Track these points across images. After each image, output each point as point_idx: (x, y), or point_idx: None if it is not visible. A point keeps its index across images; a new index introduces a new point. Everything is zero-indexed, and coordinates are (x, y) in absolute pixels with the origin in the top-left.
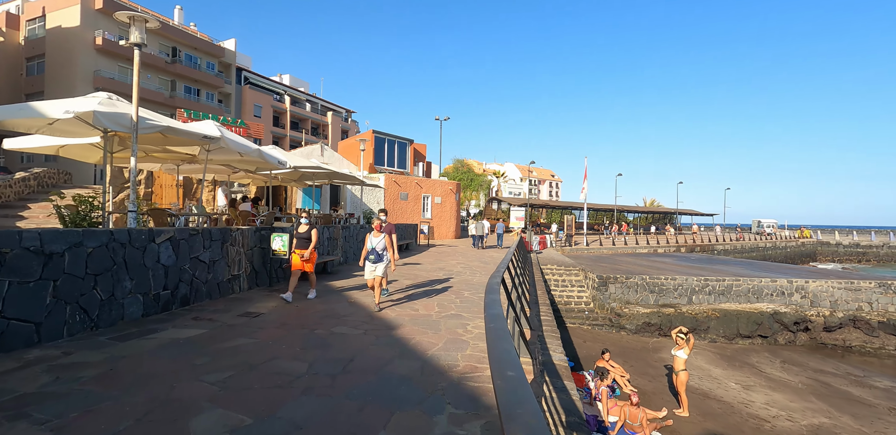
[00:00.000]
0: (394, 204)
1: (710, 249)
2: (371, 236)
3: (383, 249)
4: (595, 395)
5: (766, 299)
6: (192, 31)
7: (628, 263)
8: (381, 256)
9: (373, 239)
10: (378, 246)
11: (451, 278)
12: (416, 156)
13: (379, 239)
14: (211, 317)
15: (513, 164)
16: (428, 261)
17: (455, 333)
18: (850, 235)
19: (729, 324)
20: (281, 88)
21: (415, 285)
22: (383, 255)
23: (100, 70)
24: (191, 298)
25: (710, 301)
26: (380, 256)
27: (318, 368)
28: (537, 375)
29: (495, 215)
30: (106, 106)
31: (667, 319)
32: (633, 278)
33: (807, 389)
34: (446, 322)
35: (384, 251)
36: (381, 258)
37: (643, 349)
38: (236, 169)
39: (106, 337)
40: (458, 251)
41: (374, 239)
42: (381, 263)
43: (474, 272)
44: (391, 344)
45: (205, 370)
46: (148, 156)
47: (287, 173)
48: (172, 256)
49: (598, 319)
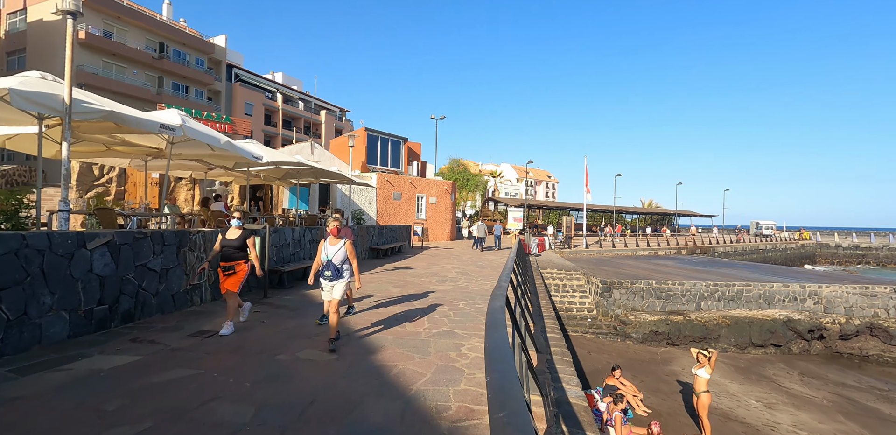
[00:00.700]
0: (386, 204)
1: (710, 250)
2: (326, 244)
3: (343, 262)
4: (607, 419)
5: (778, 305)
6: (181, 27)
7: (631, 267)
8: (340, 270)
9: (328, 248)
10: (336, 257)
11: (444, 286)
12: (411, 155)
13: (337, 248)
14: (155, 337)
15: (509, 165)
16: (420, 265)
17: (447, 357)
18: (850, 236)
19: (741, 332)
20: (273, 86)
21: (402, 295)
22: (343, 269)
23: (83, 65)
24: (136, 314)
25: (719, 307)
26: (338, 270)
27: (266, 416)
28: (550, 421)
29: (492, 216)
30: (30, 84)
31: (675, 327)
32: (639, 283)
33: (833, 407)
34: (437, 342)
35: (344, 264)
36: (340, 274)
37: (652, 361)
38: (211, 165)
39: (7, 368)
40: (453, 254)
41: (329, 248)
42: (341, 280)
43: (470, 278)
44: (367, 374)
45: (113, 421)
46: (110, 150)
47: (269, 171)
48: (111, 263)
49: (601, 326)
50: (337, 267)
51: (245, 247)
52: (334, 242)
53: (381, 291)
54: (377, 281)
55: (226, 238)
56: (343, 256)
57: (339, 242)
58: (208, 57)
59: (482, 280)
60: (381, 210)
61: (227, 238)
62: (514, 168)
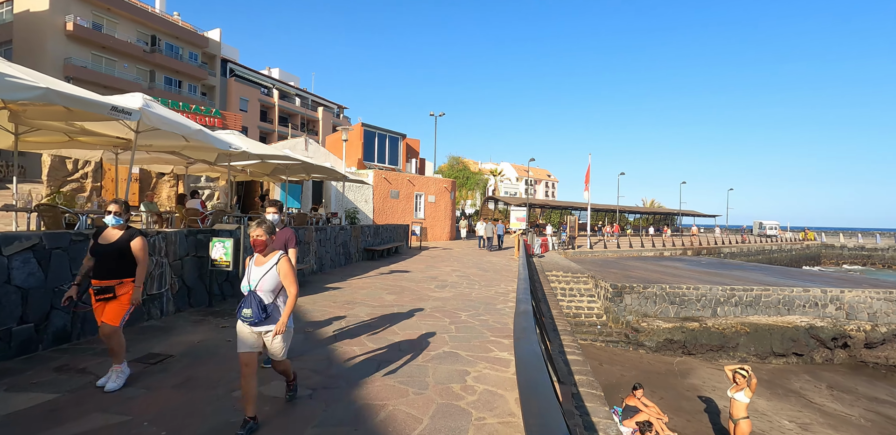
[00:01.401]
0: (384, 202)
1: (716, 251)
2: (251, 265)
3: (276, 292)
4: None
5: (799, 311)
6: (174, 20)
7: (639, 269)
8: (270, 308)
9: (253, 269)
10: (264, 285)
11: (444, 292)
12: (409, 152)
13: (264, 270)
14: (87, 364)
15: (509, 164)
16: (418, 268)
17: (449, 393)
18: (855, 237)
19: (761, 340)
20: (269, 82)
21: (397, 304)
22: (276, 305)
23: (70, 58)
24: (73, 332)
25: (736, 313)
26: (263, 308)
27: None
28: None
29: (492, 215)
30: None
31: (691, 335)
32: (652, 288)
33: (873, 428)
34: (436, 369)
35: (279, 297)
36: (270, 313)
37: (669, 373)
38: (190, 159)
39: None
40: (453, 256)
41: (253, 270)
42: (269, 325)
43: (472, 283)
44: (343, 422)
45: None
46: (73, 140)
47: (257, 166)
48: (37, 272)
49: (612, 334)
50: (263, 303)
51: (131, 256)
52: (261, 261)
53: (373, 299)
54: (370, 286)
55: (98, 243)
56: (274, 282)
57: (270, 259)
58: (202, 51)
59: (485, 285)
60: (378, 209)
61: (101, 243)
62: (514, 167)
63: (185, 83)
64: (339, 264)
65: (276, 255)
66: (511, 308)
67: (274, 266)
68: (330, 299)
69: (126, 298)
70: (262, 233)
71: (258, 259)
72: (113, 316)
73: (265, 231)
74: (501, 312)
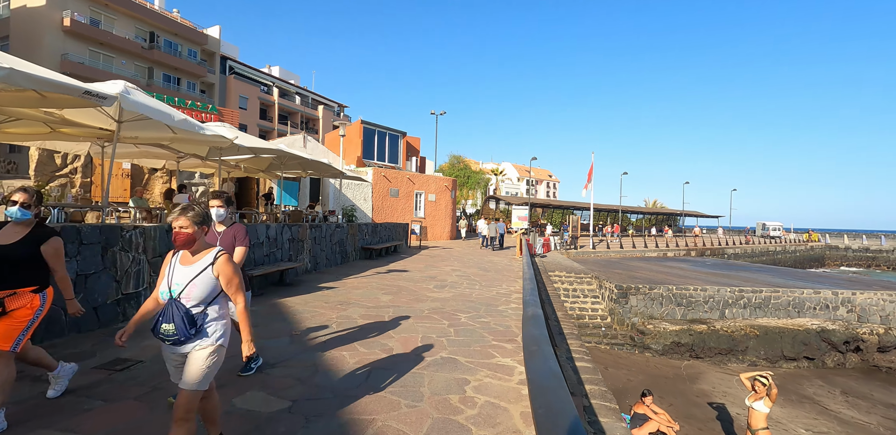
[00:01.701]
0: (383, 201)
1: (720, 252)
2: (173, 263)
3: (208, 302)
4: None
5: (809, 313)
6: (173, 16)
7: (643, 270)
8: (199, 322)
9: (175, 271)
10: (193, 292)
11: (443, 293)
12: (410, 150)
13: (195, 271)
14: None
15: (510, 164)
16: (417, 267)
17: (446, 405)
18: (860, 238)
19: (771, 344)
20: (269, 80)
21: (393, 305)
22: (206, 319)
23: (68, 54)
24: (37, 334)
25: (745, 315)
26: (191, 321)
27: None
28: None
29: (494, 215)
30: None
31: (699, 338)
32: (658, 289)
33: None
34: (433, 377)
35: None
36: (199, 329)
37: (677, 377)
38: (181, 153)
39: None
40: (453, 255)
41: (178, 271)
42: (202, 343)
43: (473, 284)
44: None
45: None
46: (55, 132)
47: (251, 162)
48: None
49: (617, 336)
50: (188, 314)
51: (37, 259)
52: (189, 259)
53: (368, 300)
54: (366, 286)
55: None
56: (208, 289)
57: (201, 258)
58: (201, 48)
59: (486, 286)
60: (377, 207)
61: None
62: (515, 167)
63: (184, 80)
64: (334, 263)
65: (212, 252)
66: (513, 310)
67: (209, 267)
68: (322, 300)
69: (23, 314)
70: (186, 223)
71: (184, 257)
72: (5, 336)
73: (191, 220)
74: (503, 314)
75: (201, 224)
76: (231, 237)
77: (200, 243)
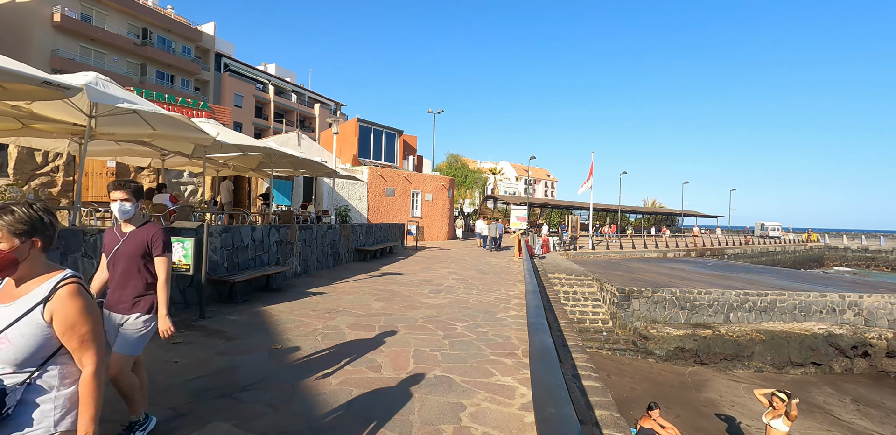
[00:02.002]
0: (379, 200)
1: (719, 253)
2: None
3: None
4: None
5: (815, 317)
6: (166, 13)
7: (644, 271)
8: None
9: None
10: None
11: (438, 298)
12: (406, 148)
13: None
14: None
15: (508, 163)
16: (412, 270)
17: None
18: (859, 239)
19: (778, 349)
20: (265, 77)
21: (385, 313)
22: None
23: (58, 50)
24: None
25: (750, 319)
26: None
27: None
28: None
29: (491, 215)
30: None
31: (704, 343)
32: (660, 292)
33: None
34: (425, 402)
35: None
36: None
37: (682, 385)
38: (164, 150)
39: None
40: (450, 256)
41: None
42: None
43: (470, 288)
44: None
45: None
46: (27, 127)
47: (240, 160)
48: None
49: (619, 341)
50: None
51: None
52: (10, 294)
53: (359, 307)
54: (357, 291)
55: None
56: (34, 343)
57: (24, 294)
58: (196, 45)
59: (484, 290)
60: (373, 207)
61: None
62: (513, 166)
63: (178, 77)
64: (326, 266)
65: (51, 279)
66: (513, 317)
67: (39, 307)
68: (310, 307)
69: None
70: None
71: (3, 290)
72: None
73: (6, 230)
74: (502, 323)
75: (28, 235)
76: (141, 242)
77: (31, 266)
